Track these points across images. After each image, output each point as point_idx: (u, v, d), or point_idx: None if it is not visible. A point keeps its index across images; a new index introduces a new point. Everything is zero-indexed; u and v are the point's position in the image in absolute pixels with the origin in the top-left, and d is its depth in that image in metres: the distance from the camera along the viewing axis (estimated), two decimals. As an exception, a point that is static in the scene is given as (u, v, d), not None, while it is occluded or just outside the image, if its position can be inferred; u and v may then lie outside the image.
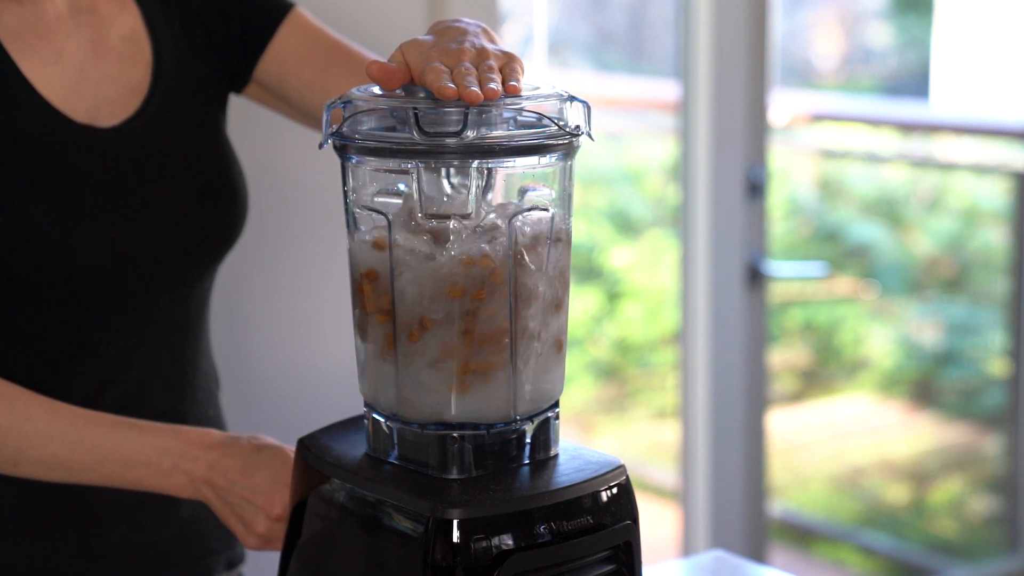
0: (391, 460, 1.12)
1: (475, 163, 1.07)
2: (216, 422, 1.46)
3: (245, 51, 1.41)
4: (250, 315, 2.02)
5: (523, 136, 1.07)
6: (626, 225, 4.60)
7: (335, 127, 1.09)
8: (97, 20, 1.34)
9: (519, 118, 1.08)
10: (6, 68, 1.27)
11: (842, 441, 4.27)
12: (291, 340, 2.06)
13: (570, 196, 1.12)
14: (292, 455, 1.22)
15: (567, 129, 1.08)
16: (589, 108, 1.11)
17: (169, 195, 1.33)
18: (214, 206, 1.36)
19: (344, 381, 1.89)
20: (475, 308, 1.08)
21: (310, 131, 1.48)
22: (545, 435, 1.14)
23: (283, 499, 1.21)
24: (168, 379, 1.38)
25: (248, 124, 1.69)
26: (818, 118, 4.25)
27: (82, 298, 1.30)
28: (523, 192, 1.10)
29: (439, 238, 1.07)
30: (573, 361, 4.28)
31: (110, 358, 1.33)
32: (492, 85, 1.06)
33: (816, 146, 4.48)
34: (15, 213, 1.25)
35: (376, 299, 1.11)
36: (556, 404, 1.15)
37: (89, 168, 1.29)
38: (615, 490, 1.11)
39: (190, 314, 1.39)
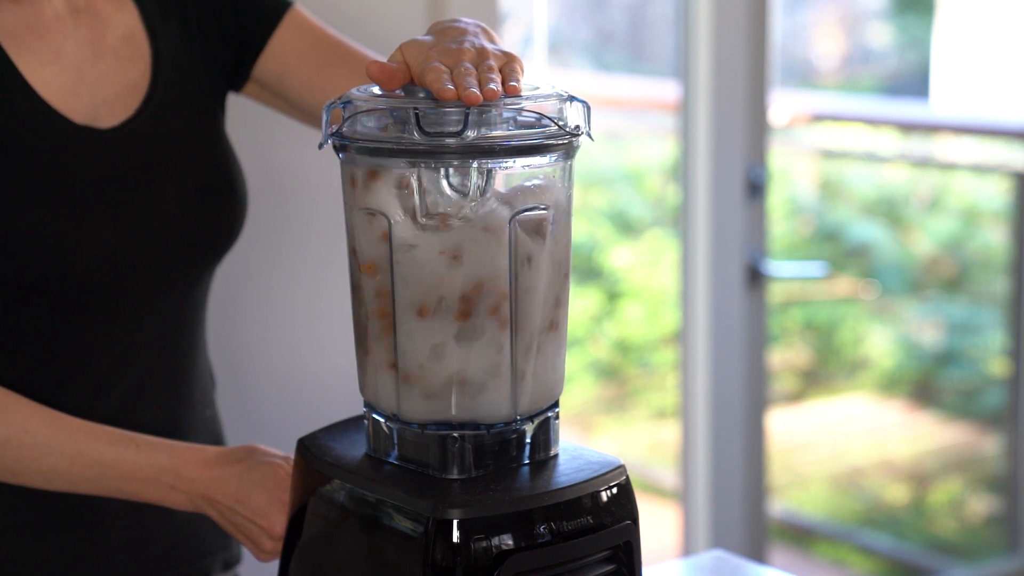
0: (391, 460, 1.12)
1: (475, 163, 1.07)
2: (213, 424, 1.45)
3: (243, 50, 1.41)
4: (248, 315, 2.02)
5: (523, 136, 1.07)
6: (626, 225, 4.60)
7: (335, 127, 1.09)
8: (95, 20, 1.33)
9: (519, 118, 1.08)
10: (4, 69, 1.27)
11: (842, 441, 4.27)
12: (289, 340, 2.06)
13: (570, 196, 1.12)
14: (286, 470, 1.22)
15: (567, 129, 1.08)
16: (589, 108, 1.11)
17: (168, 195, 1.33)
18: (213, 206, 1.36)
19: (343, 381, 1.89)
20: (475, 308, 1.08)
21: (310, 130, 1.48)
22: (545, 435, 1.14)
23: (281, 520, 1.21)
24: (165, 380, 1.38)
25: (248, 123, 1.68)
26: (818, 118, 4.25)
27: (81, 299, 1.29)
28: (523, 192, 1.10)
29: (439, 238, 1.07)
30: (573, 361, 4.28)
31: (108, 359, 1.33)
32: (492, 85, 1.06)
33: (816, 146, 4.48)
34: (14, 215, 1.25)
35: (376, 299, 1.11)
36: (556, 404, 1.15)
37: (88, 169, 1.29)
38: (615, 490, 1.11)
39: (188, 314, 1.39)
